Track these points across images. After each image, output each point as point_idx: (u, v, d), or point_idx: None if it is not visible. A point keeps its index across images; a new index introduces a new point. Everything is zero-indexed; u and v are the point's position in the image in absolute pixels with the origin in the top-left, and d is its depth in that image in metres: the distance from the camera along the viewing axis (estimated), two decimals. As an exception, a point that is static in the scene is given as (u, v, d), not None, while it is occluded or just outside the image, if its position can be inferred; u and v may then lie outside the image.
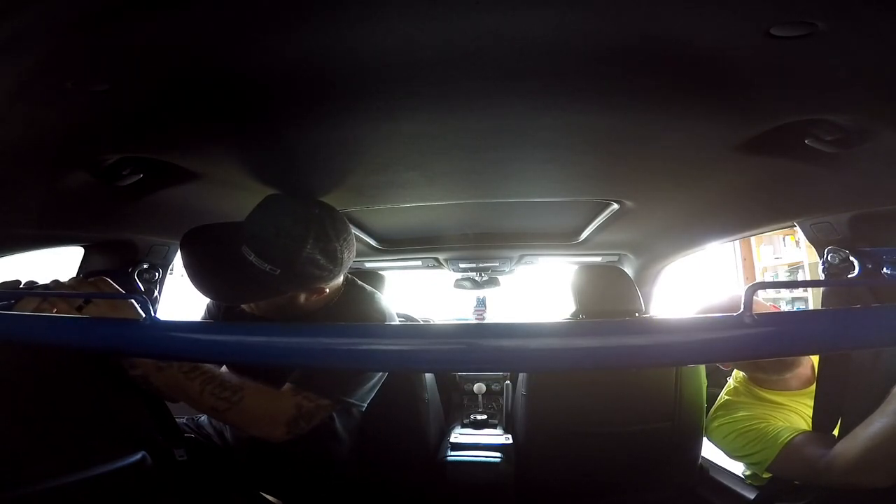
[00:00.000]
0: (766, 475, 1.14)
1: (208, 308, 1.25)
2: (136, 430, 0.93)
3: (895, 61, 0.59)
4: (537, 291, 3.29)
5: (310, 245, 0.92)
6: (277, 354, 0.58)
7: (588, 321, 0.87)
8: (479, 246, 2.07)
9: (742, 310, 0.48)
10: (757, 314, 0.48)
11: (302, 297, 1.03)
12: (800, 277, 3.75)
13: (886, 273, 0.99)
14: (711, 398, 1.38)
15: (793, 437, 1.04)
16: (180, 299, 1.54)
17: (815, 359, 1.15)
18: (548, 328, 0.58)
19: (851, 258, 1.02)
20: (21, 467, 0.90)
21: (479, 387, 2.07)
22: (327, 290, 1.03)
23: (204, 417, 1.25)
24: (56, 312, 0.74)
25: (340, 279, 1.08)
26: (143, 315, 0.54)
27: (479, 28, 0.57)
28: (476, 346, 0.53)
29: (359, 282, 1.20)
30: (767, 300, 3.59)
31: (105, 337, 0.60)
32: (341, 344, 0.55)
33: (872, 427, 0.87)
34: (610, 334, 0.53)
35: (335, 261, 0.97)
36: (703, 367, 1.44)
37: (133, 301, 0.56)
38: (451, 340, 0.53)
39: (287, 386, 0.97)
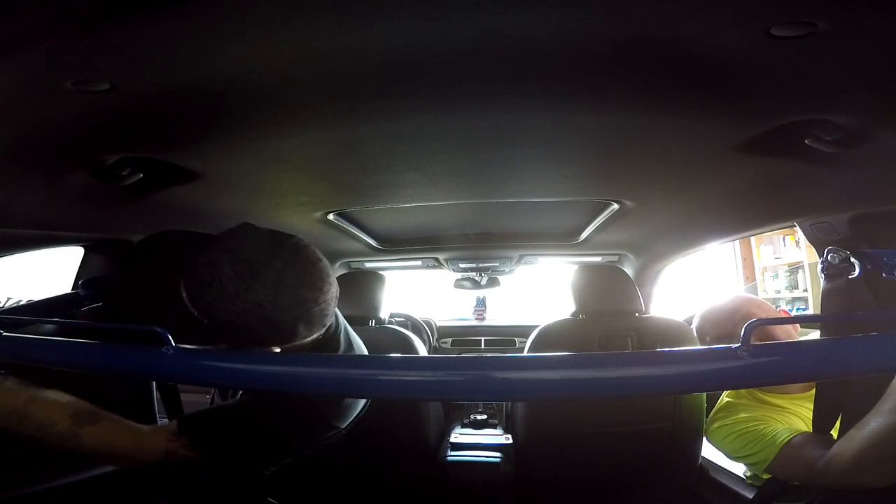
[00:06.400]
0: (765, 475, 1.14)
1: None
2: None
3: (895, 61, 0.59)
4: (537, 291, 3.29)
5: (247, 306, 0.71)
6: (297, 383, 0.62)
7: (588, 354, 0.90)
8: (479, 246, 2.07)
9: (740, 343, 0.51)
10: (753, 345, 0.51)
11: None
12: (800, 277, 3.74)
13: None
14: (712, 398, 1.38)
15: (791, 438, 1.04)
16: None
17: None
18: (548, 361, 0.62)
19: (852, 259, 1.02)
20: (21, 467, 0.90)
21: None
22: (277, 351, 0.82)
23: None
24: None
25: (309, 339, 0.86)
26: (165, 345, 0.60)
27: (479, 28, 0.57)
28: (479, 377, 0.56)
29: (348, 333, 1.00)
30: (768, 300, 3.60)
31: (130, 363, 0.66)
32: (359, 374, 0.60)
33: (868, 427, 0.87)
34: (610, 366, 0.56)
35: (282, 331, 0.76)
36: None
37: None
38: (457, 373, 0.58)
39: (168, 426, 0.84)
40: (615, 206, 1.39)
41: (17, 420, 0.74)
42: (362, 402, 0.97)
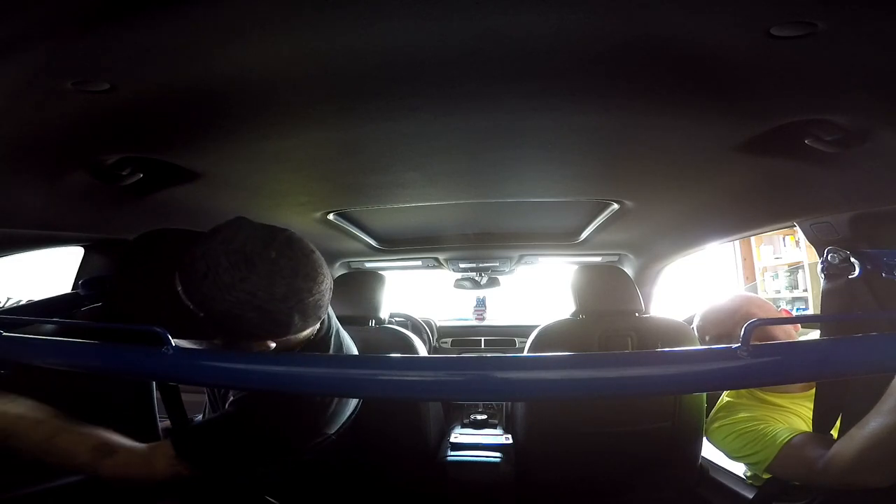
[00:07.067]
0: (765, 475, 1.14)
1: None
2: (135, 431, 0.93)
3: (895, 61, 0.59)
4: (537, 291, 3.29)
5: (243, 296, 0.71)
6: (298, 383, 0.62)
7: (588, 354, 0.90)
8: (479, 246, 2.07)
9: (740, 343, 0.51)
10: (753, 345, 0.51)
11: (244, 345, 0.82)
12: (800, 277, 3.75)
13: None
14: (712, 398, 1.38)
15: (791, 438, 1.04)
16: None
17: None
18: (548, 361, 0.62)
19: (852, 259, 1.02)
20: (21, 467, 0.90)
21: None
22: (272, 346, 0.82)
23: (199, 417, 1.25)
24: None
25: (303, 333, 0.87)
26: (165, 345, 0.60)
27: (479, 28, 0.57)
28: (479, 377, 0.56)
29: (339, 335, 1.00)
30: (769, 300, 3.60)
31: (130, 363, 0.65)
32: (360, 374, 0.59)
33: (868, 427, 0.87)
34: (609, 366, 0.56)
35: (277, 322, 0.76)
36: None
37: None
38: (457, 373, 0.58)
39: (166, 448, 0.84)
40: (615, 206, 1.39)
41: (40, 452, 0.78)
42: (351, 407, 0.97)
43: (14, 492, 0.93)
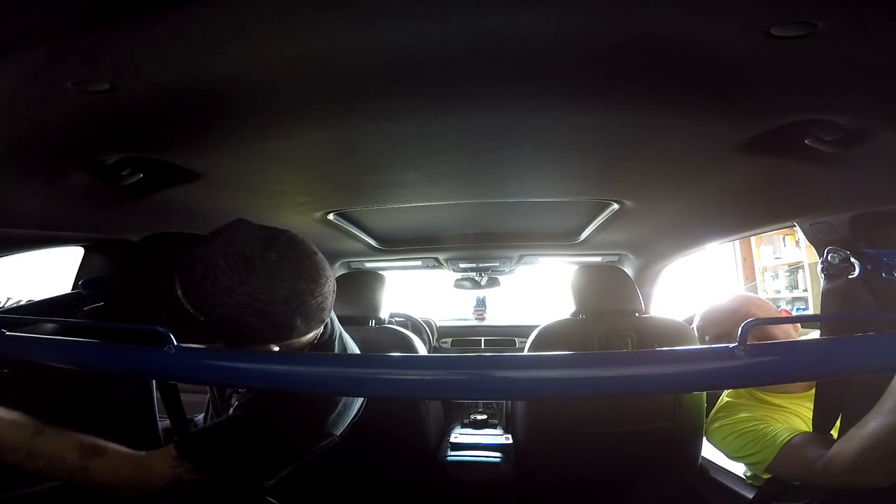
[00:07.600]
0: (765, 475, 1.14)
1: None
2: (135, 431, 0.93)
3: (895, 61, 0.59)
4: (537, 291, 3.29)
5: (243, 299, 0.70)
6: (300, 382, 0.62)
7: (585, 353, 0.91)
8: (479, 246, 2.07)
9: (737, 343, 0.51)
10: (750, 344, 0.51)
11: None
12: (800, 277, 3.75)
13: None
14: (712, 398, 1.38)
15: (791, 438, 1.04)
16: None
17: None
18: (547, 360, 0.62)
19: (852, 259, 1.02)
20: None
21: None
22: (276, 349, 0.80)
23: (199, 416, 1.25)
24: None
25: (306, 338, 0.86)
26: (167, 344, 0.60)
27: (479, 28, 0.57)
28: (479, 376, 0.57)
29: (342, 339, 1.00)
30: (769, 300, 3.59)
31: (133, 362, 0.65)
32: (361, 373, 0.59)
33: (868, 427, 0.87)
34: (607, 365, 0.56)
35: (279, 326, 0.74)
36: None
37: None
38: (457, 372, 0.57)
39: (168, 452, 0.82)
40: (615, 206, 1.39)
41: (26, 455, 0.74)
42: (356, 408, 0.96)
43: (14, 492, 0.93)
